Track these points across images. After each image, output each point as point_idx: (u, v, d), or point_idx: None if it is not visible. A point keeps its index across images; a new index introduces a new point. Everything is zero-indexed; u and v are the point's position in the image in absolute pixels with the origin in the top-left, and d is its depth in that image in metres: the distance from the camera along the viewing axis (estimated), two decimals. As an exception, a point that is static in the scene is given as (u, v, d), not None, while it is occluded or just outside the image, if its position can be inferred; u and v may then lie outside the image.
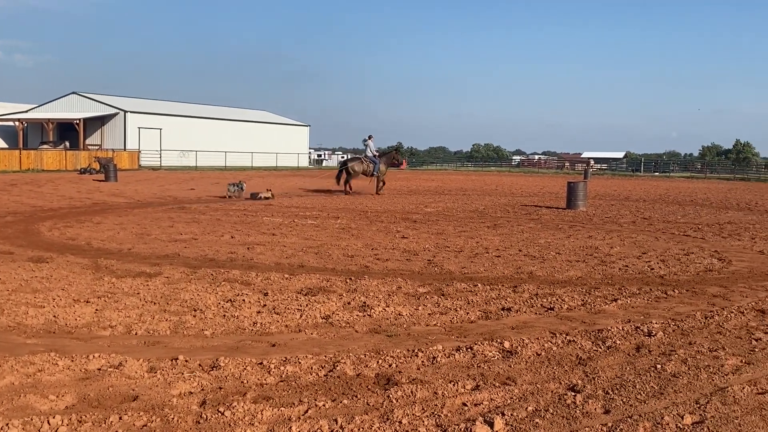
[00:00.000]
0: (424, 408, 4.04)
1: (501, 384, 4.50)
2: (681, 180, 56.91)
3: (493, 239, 12.38)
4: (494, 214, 17.95)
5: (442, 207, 20.19)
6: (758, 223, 16.73)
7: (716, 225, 16.05)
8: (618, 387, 4.46)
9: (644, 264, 9.77)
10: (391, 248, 10.91)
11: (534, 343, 5.48)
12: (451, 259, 9.85)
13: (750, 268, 9.59)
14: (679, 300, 7.35)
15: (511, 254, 10.52)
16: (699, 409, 4.10)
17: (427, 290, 7.60)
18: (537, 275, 8.72)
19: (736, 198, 28.66)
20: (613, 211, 19.90)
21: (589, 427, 3.78)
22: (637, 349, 5.40)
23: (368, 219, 15.89)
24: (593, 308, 6.87)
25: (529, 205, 21.77)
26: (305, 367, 4.82)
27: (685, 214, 19.18)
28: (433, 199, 23.96)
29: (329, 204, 20.46)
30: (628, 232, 14.19)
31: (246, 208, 18.47)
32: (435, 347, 5.31)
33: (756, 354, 5.29)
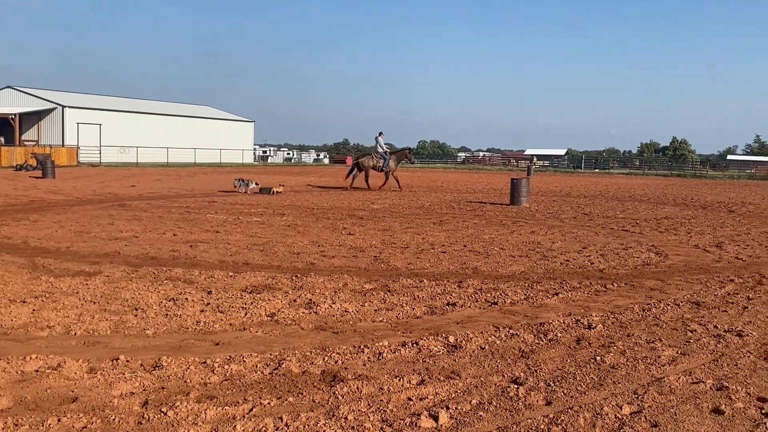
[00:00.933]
0: (370, 404, 4.06)
1: (446, 378, 4.55)
2: (620, 176, 58.42)
3: (439, 235, 12.48)
4: (440, 211, 18.10)
5: (389, 203, 20.25)
6: (694, 218, 17.31)
7: (654, 220, 16.54)
8: (559, 379, 4.57)
9: (585, 258, 10.00)
10: (337, 245, 10.90)
11: (478, 337, 5.55)
12: (397, 256, 9.90)
13: (686, 261, 9.92)
14: (618, 293, 7.56)
15: (456, 250, 10.63)
16: (637, 399, 4.22)
17: (373, 287, 7.63)
18: (481, 270, 8.84)
19: (672, 194, 29.60)
20: (555, 207, 20.30)
21: (532, 418, 3.86)
22: (578, 342, 5.53)
23: (314, 216, 15.83)
24: (535, 302, 7.00)
25: (474, 201, 22.02)
26: (250, 366, 4.79)
27: (624, 210, 19.70)
28: (379, 195, 24.00)
29: (275, 201, 20.29)
30: (570, 227, 14.50)
31: (189, 205, 18.18)
32: (381, 343, 5.34)
33: (691, 345, 5.48)
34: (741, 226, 15.69)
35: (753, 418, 3.94)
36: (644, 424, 3.82)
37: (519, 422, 3.81)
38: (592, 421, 3.84)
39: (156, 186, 26.48)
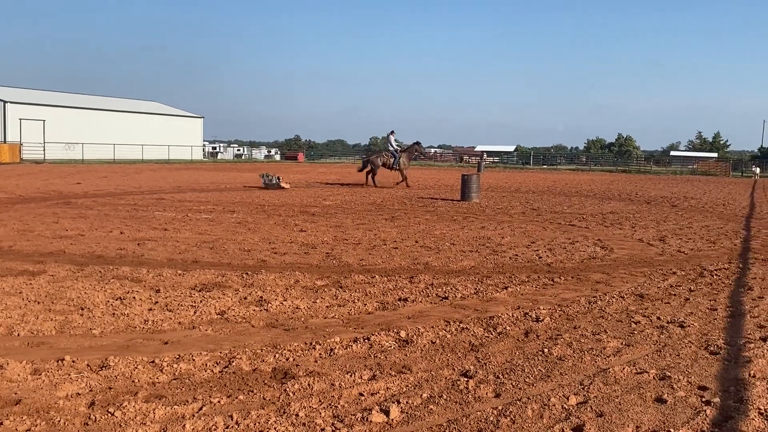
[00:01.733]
0: (321, 400, 4.06)
1: (397, 373, 4.58)
2: (567, 172, 59.54)
3: (391, 231, 12.53)
4: (392, 207, 18.15)
5: (341, 200, 20.23)
6: (638, 213, 17.77)
7: (599, 215, 16.92)
8: (508, 371, 4.64)
9: (533, 253, 10.17)
10: (288, 242, 10.85)
11: (429, 332, 5.60)
12: (349, 252, 9.90)
13: (630, 255, 10.18)
14: (565, 286, 7.71)
15: (408, 246, 10.68)
16: (583, 390, 4.32)
17: (325, 283, 7.62)
18: (432, 266, 8.91)
19: (618, 189, 30.32)
20: (504, 202, 20.57)
21: (481, 410, 3.92)
22: (526, 335, 5.63)
23: (265, 213, 15.71)
24: (485, 296, 7.10)
25: (425, 197, 22.15)
26: (199, 364, 4.73)
27: (571, 205, 20.09)
28: (331, 192, 23.95)
29: (225, 198, 20.06)
30: (519, 222, 14.72)
31: (136, 202, 17.83)
32: (333, 339, 5.34)
33: (635, 336, 5.63)
34: (683, 220, 16.18)
35: (694, 406, 4.07)
36: (590, 413, 3.91)
37: (469, 415, 3.86)
38: (540, 412, 3.92)
39: (102, 183, 25.89)
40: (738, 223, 15.94)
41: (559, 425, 3.73)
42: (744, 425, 3.74)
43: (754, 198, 26.94)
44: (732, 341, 5.47)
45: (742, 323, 6.09)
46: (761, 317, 6.29)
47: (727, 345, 5.36)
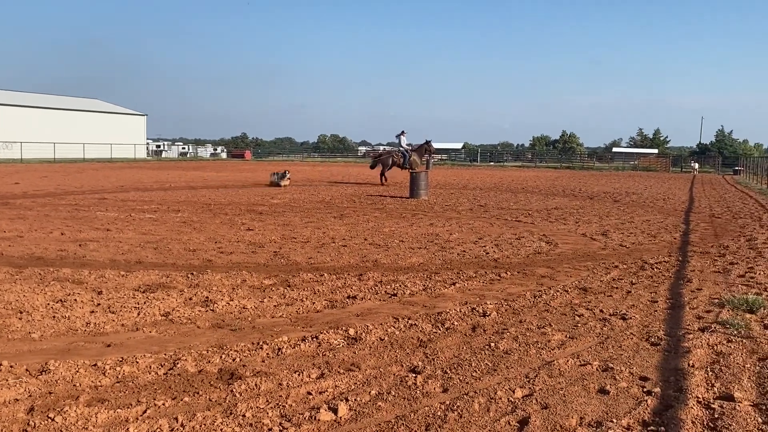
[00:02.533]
0: (269, 400, 4.02)
1: (346, 371, 4.57)
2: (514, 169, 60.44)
3: (340, 229, 12.50)
4: (341, 204, 18.11)
5: (289, 198, 20.08)
6: (581, 208, 18.14)
7: (545, 210, 17.21)
8: (455, 366, 4.68)
9: (480, 249, 10.28)
10: (235, 241, 10.71)
11: (378, 329, 5.61)
12: (297, 250, 9.84)
13: (574, 249, 10.38)
14: (511, 281, 7.82)
15: (356, 243, 10.67)
16: (528, 382, 4.39)
17: (272, 282, 7.55)
18: (381, 263, 8.92)
19: (562, 185, 30.90)
20: (452, 199, 20.74)
21: (429, 406, 3.94)
22: (473, 329, 5.68)
23: (211, 212, 15.49)
24: (434, 292, 7.14)
25: (374, 195, 22.17)
26: (143, 367, 4.63)
27: (517, 201, 20.39)
28: (279, 190, 23.76)
29: (170, 197, 19.70)
30: (466, 219, 14.86)
31: (78, 202, 17.36)
32: (280, 339, 5.29)
33: (579, 329, 5.74)
34: (625, 214, 16.58)
35: (636, 396, 4.17)
36: (535, 405, 3.97)
37: (417, 410, 3.88)
38: (487, 406, 3.96)
39: (42, 183, 25.14)
40: (677, 217, 16.42)
41: (505, 418, 3.78)
42: (683, 414, 3.85)
43: (693, 193, 27.78)
44: (672, 332, 5.62)
45: (682, 315, 6.27)
46: (700, 309, 6.48)
47: (668, 336, 5.51)
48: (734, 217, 16.59)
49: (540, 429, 3.64)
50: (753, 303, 6.48)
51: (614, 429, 3.63)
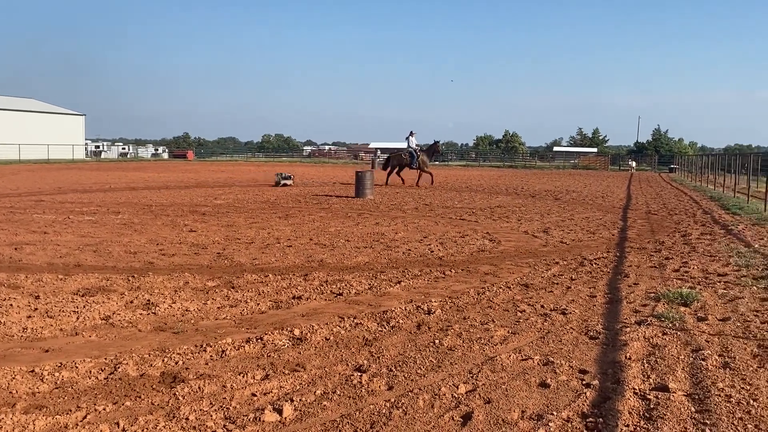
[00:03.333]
0: (212, 402, 3.98)
1: (291, 371, 4.55)
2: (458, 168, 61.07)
3: (285, 229, 12.42)
4: (286, 205, 18.00)
5: (233, 198, 19.86)
6: (524, 206, 18.46)
7: (488, 209, 17.46)
8: (400, 364, 4.72)
9: (425, 247, 10.37)
10: (177, 242, 10.54)
11: (323, 329, 5.60)
12: (241, 251, 9.74)
13: (516, 247, 10.57)
14: (456, 279, 7.91)
15: (302, 243, 10.63)
16: (472, 378, 4.45)
17: (216, 284, 7.46)
18: (327, 263, 8.91)
19: (505, 184, 31.40)
20: (398, 198, 20.83)
21: (374, 404, 3.96)
22: (418, 327, 5.73)
23: (153, 213, 15.19)
24: (379, 291, 7.17)
25: (320, 194, 22.11)
26: (83, 372, 4.52)
27: (462, 200, 20.62)
28: (223, 190, 23.47)
29: (109, 199, 19.24)
30: (412, 218, 14.95)
31: (13, 205, 16.80)
32: (224, 341, 5.24)
33: (521, 324, 5.85)
34: (565, 212, 16.96)
35: (575, 389, 4.27)
36: (478, 401, 4.03)
37: (362, 409, 3.89)
38: (431, 402, 4.00)
39: (-27, 185, 24.23)
40: (616, 214, 16.87)
41: (449, 414, 3.83)
42: (620, 405, 3.96)
43: (631, 190, 28.58)
44: (610, 326, 5.78)
45: (619, 309, 6.45)
46: (636, 303, 6.68)
47: (606, 330, 5.66)
48: (670, 213, 17.14)
49: (483, 423, 3.70)
50: (687, 296, 6.72)
51: (554, 421, 3.71)
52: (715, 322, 5.89)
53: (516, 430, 3.62)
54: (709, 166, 38.88)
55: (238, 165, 62.12)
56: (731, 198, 22.18)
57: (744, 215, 16.11)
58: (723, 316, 6.07)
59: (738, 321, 5.90)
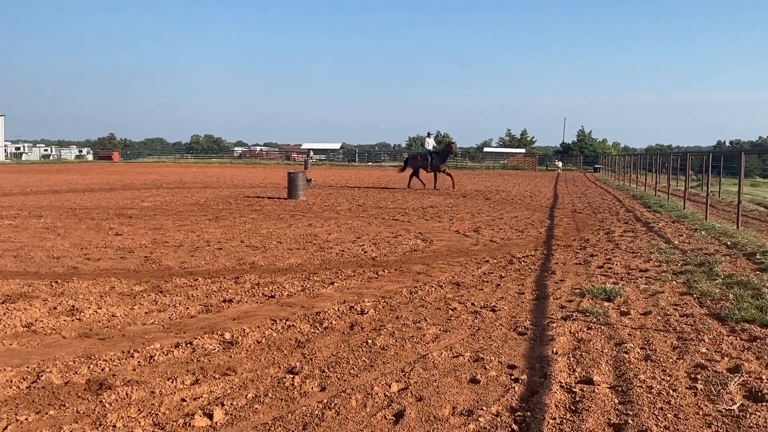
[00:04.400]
0: (141, 409, 3.89)
1: (221, 375, 4.49)
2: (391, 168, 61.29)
3: (215, 232, 12.24)
4: (216, 207, 17.73)
5: (161, 201, 19.43)
6: (455, 206, 18.72)
7: (420, 209, 17.63)
8: (333, 365, 4.72)
9: (359, 248, 10.39)
10: (103, 247, 10.24)
11: (255, 332, 5.55)
12: (170, 255, 9.54)
13: (448, 246, 10.71)
14: (389, 279, 7.96)
15: (233, 246, 10.49)
16: (404, 376, 4.49)
17: (143, 288, 7.28)
18: (259, 265, 8.82)
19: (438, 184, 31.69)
20: (331, 199, 20.81)
21: (307, 405, 3.95)
22: (351, 327, 5.74)
23: (77, 217, 14.71)
24: (312, 292, 7.14)
25: (251, 196, 21.86)
26: (3, 381, 4.35)
27: (395, 200, 20.75)
28: (150, 193, 22.92)
29: (31, 202, 18.52)
30: (345, 218, 14.96)
31: (-75, 209, 15.97)
32: (152, 346, 5.12)
33: (452, 322, 5.94)
34: (495, 212, 17.29)
35: (504, 384, 4.37)
36: (410, 398, 4.07)
37: (294, 410, 3.88)
38: (364, 402, 4.02)
39: None
40: (543, 213, 17.30)
41: (381, 413, 3.86)
42: (547, 398, 4.07)
43: (557, 190, 29.35)
44: (537, 322, 5.93)
45: (546, 305, 6.62)
46: (563, 299, 6.88)
47: (533, 326, 5.81)
48: (594, 212, 17.69)
49: (414, 421, 3.74)
50: (610, 292, 6.96)
51: (484, 416, 3.79)
52: (637, 316, 6.12)
53: (447, 426, 3.68)
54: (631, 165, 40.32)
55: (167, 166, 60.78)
56: (652, 196, 23.05)
57: (664, 213, 16.78)
58: (644, 311, 6.31)
59: (658, 315, 6.14)
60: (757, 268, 8.37)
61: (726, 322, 5.82)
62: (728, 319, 5.89)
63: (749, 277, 7.69)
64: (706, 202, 15.46)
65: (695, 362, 4.74)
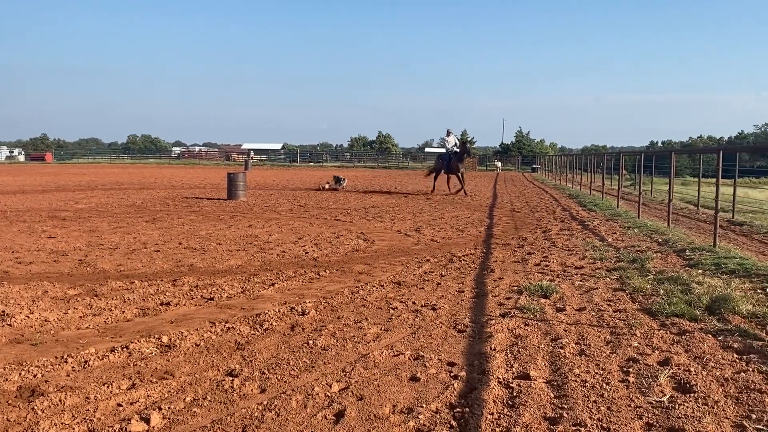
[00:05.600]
0: (75, 415, 3.80)
1: (159, 379, 4.42)
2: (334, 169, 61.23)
3: (152, 233, 12.00)
4: (153, 208, 17.38)
5: (96, 202, 18.93)
6: (397, 206, 18.82)
7: (363, 209, 17.66)
8: (274, 366, 4.70)
9: (300, 248, 10.35)
10: (35, 250, 9.92)
11: (193, 335, 5.47)
12: (105, 257, 9.31)
13: (389, 246, 10.77)
14: (330, 279, 7.96)
15: (171, 248, 10.31)
16: (345, 376, 4.50)
17: (77, 292, 7.09)
18: (198, 267, 8.69)
19: (379, 184, 31.83)
20: (272, 200, 20.64)
21: (246, 407, 3.92)
22: (292, 329, 5.72)
23: (7, 219, 14.21)
24: (252, 294, 7.08)
25: (190, 197, 21.51)
26: (-73, 392, 4.18)
27: (336, 201, 20.73)
28: (85, 194, 22.30)
29: (-43, 204, 17.79)
30: (286, 219, 14.88)
31: None
32: (87, 351, 5.00)
33: (393, 321, 5.98)
34: (436, 211, 17.45)
35: (444, 381, 4.43)
36: (351, 398, 4.09)
37: (234, 413, 3.85)
38: (304, 402, 4.02)
39: None
40: (483, 212, 17.56)
41: (322, 413, 3.86)
42: (486, 394, 4.15)
43: (497, 189, 29.83)
44: (477, 319, 6.03)
45: (485, 302, 6.74)
46: (501, 296, 7.01)
47: (473, 323, 5.90)
48: (532, 210, 18.05)
49: (355, 420, 3.76)
50: (547, 289, 7.12)
51: (424, 414, 3.83)
52: (572, 312, 6.28)
53: (387, 424, 3.71)
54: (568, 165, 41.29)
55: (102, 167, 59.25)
56: (588, 195, 23.67)
57: (599, 211, 17.26)
58: (579, 307, 6.48)
59: (593, 311, 6.32)
60: (687, 264, 8.70)
61: (657, 316, 6.04)
62: (659, 313, 6.11)
63: (679, 272, 7.99)
64: (639, 201, 15.96)
65: (627, 356, 4.90)
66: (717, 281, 7.35)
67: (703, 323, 5.78)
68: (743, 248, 10.45)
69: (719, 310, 6.10)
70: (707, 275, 7.78)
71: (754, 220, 15.10)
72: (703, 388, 4.19)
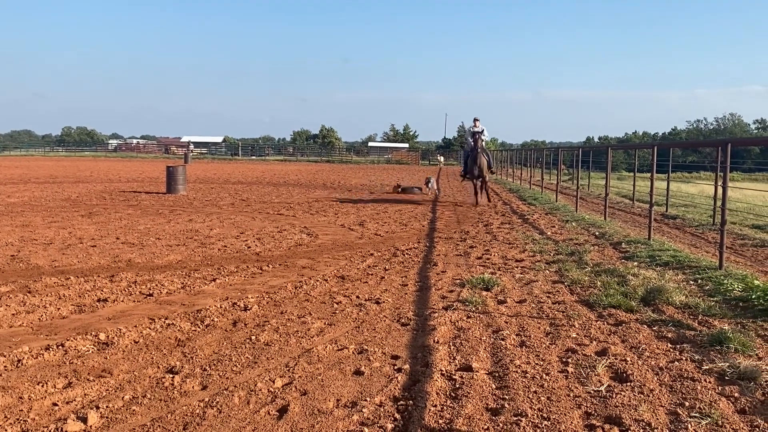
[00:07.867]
0: (8, 415, 3.66)
1: (96, 377, 4.30)
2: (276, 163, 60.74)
3: (88, 228, 11.67)
4: (89, 202, 16.90)
5: (29, 196, 18.29)
6: (340, 201, 18.77)
7: (306, 203, 17.57)
8: (215, 363, 4.63)
9: (242, 243, 10.23)
10: (-37, 245, 9.53)
11: (132, 332, 5.35)
12: (39, 253, 9.01)
13: (333, 240, 10.74)
14: (273, 274, 7.89)
15: (107, 243, 10.04)
16: (288, 371, 4.47)
17: (10, 288, 6.84)
18: (136, 262, 8.49)
19: (322, 178, 31.73)
20: (213, 194, 20.34)
21: (187, 405, 3.86)
22: (234, 324, 5.65)
23: (-68, 214, 13.60)
24: (193, 290, 6.97)
25: (128, 191, 21.00)
26: None
27: (279, 195, 20.56)
28: (17, 188, 21.53)
29: None
30: (228, 213, 14.68)
31: None
32: (20, 349, 4.83)
33: (337, 316, 5.97)
34: (379, 205, 17.48)
35: (387, 374, 4.44)
36: (295, 393, 4.07)
37: (174, 411, 3.77)
38: (247, 398, 3.97)
39: None
40: (426, 206, 17.69)
41: (265, 408, 3.82)
42: (429, 387, 4.18)
43: (439, 183, 30.05)
44: (420, 312, 6.07)
45: (429, 296, 6.79)
46: (444, 289, 7.07)
47: (416, 316, 5.94)
48: (474, 205, 18.25)
49: (299, 415, 3.74)
50: (488, 282, 7.22)
51: (368, 407, 3.84)
52: (513, 304, 6.39)
53: (331, 418, 3.70)
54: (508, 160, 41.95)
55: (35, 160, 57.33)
56: (527, 190, 24.09)
57: (538, 205, 17.59)
58: (520, 299, 6.60)
59: (533, 303, 6.45)
60: (623, 257, 8.95)
61: (594, 308, 6.20)
62: (596, 305, 6.27)
63: (615, 265, 8.22)
64: (577, 195, 16.34)
65: (566, 347, 5.01)
66: (651, 273, 7.59)
67: (638, 314, 5.96)
68: (676, 241, 10.82)
69: (654, 301, 6.31)
70: (642, 267, 8.03)
71: (687, 213, 15.66)
72: (639, 377, 4.32)
